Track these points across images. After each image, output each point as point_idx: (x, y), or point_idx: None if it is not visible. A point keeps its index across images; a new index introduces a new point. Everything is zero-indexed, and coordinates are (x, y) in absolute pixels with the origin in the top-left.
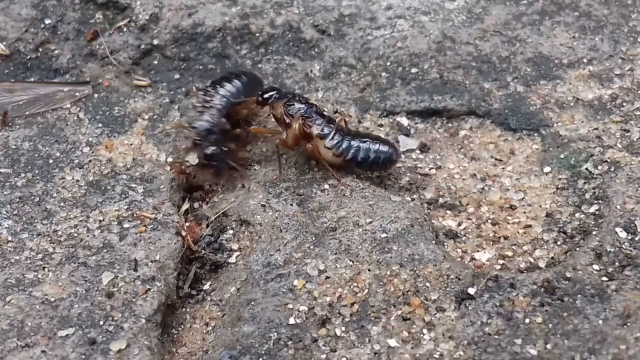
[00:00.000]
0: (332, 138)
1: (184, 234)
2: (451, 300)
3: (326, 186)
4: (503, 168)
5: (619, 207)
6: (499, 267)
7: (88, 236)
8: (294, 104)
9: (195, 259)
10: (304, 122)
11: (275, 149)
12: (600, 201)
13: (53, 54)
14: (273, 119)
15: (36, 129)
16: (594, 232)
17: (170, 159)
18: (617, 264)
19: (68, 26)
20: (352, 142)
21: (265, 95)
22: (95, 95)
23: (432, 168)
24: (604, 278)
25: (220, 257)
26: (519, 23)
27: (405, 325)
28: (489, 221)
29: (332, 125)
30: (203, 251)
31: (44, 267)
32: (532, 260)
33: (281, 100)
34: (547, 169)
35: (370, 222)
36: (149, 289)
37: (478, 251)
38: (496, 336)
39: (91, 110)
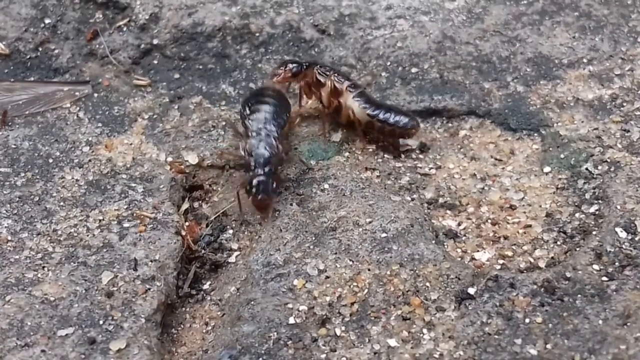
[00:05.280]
0: (361, 92)
1: (183, 233)
2: (451, 300)
3: (326, 186)
4: (503, 168)
5: (619, 207)
6: (499, 267)
7: (88, 236)
8: (324, 67)
9: (195, 258)
10: (336, 77)
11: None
12: (600, 201)
13: (53, 54)
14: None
15: (36, 129)
16: (594, 232)
17: (170, 159)
18: (617, 264)
19: (68, 25)
20: (376, 102)
21: (296, 66)
22: (95, 95)
23: (432, 168)
24: (604, 278)
25: (220, 257)
26: (519, 23)
27: (405, 325)
28: (489, 221)
29: (359, 85)
30: (203, 251)
31: (43, 267)
32: (532, 260)
33: (313, 66)
34: (547, 169)
35: (370, 222)
36: (149, 289)
37: (478, 251)
38: (496, 336)
39: (91, 109)
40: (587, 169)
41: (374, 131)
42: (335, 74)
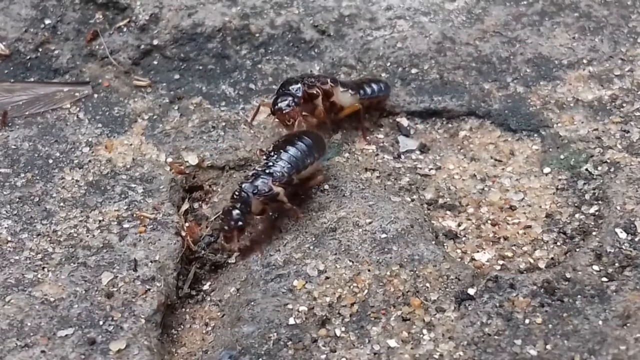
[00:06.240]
0: (341, 83)
1: (183, 234)
2: (451, 300)
3: (326, 186)
4: (503, 169)
5: (618, 207)
6: (498, 267)
7: (88, 236)
8: (302, 78)
9: (195, 259)
10: (320, 83)
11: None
12: (600, 202)
13: (53, 54)
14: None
15: (36, 129)
16: (594, 233)
17: (170, 159)
18: (617, 264)
19: (68, 26)
20: (359, 85)
21: (291, 99)
22: (95, 96)
23: (432, 168)
24: (604, 279)
25: (219, 258)
26: (519, 24)
27: (405, 326)
28: (489, 222)
29: (335, 78)
30: (203, 251)
31: (43, 267)
32: (532, 260)
33: (293, 83)
34: (547, 170)
35: (370, 223)
36: (149, 289)
37: (478, 252)
38: (496, 337)
39: (91, 110)
40: (587, 169)
41: (363, 108)
42: (316, 80)
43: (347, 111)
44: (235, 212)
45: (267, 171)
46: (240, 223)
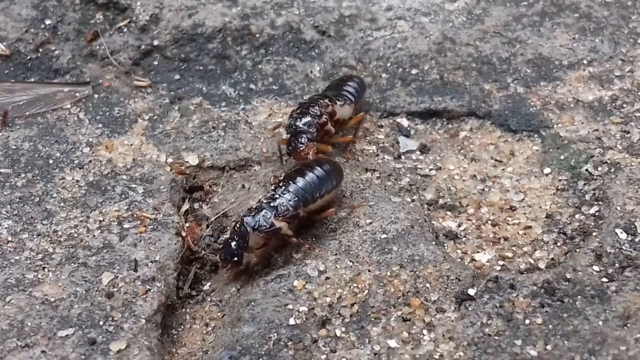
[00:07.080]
0: (335, 98)
1: (184, 234)
2: (451, 301)
3: None
4: (503, 169)
5: (619, 208)
6: (499, 268)
7: (88, 236)
8: (312, 113)
9: (195, 259)
10: (324, 109)
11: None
12: (600, 202)
13: (53, 55)
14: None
15: (36, 129)
16: (594, 233)
17: (170, 160)
18: (617, 265)
19: (68, 27)
20: (345, 91)
21: (307, 136)
22: (96, 96)
23: (432, 169)
24: (604, 279)
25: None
26: (519, 24)
27: (405, 326)
28: (489, 222)
29: (329, 96)
30: (203, 252)
31: (44, 267)
32: (532, 261)
33: (314, 121)
34: (547, 170)
35: (370, 223)
36: (149, 290)
37: (478, 252)
38: (496, 337)
39: (91, 110)
40: (587, 170)
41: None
42: (320, 104)
43: (354, 121)
44: (233, 245)
45: (271, 204)
46: (235, 258)
